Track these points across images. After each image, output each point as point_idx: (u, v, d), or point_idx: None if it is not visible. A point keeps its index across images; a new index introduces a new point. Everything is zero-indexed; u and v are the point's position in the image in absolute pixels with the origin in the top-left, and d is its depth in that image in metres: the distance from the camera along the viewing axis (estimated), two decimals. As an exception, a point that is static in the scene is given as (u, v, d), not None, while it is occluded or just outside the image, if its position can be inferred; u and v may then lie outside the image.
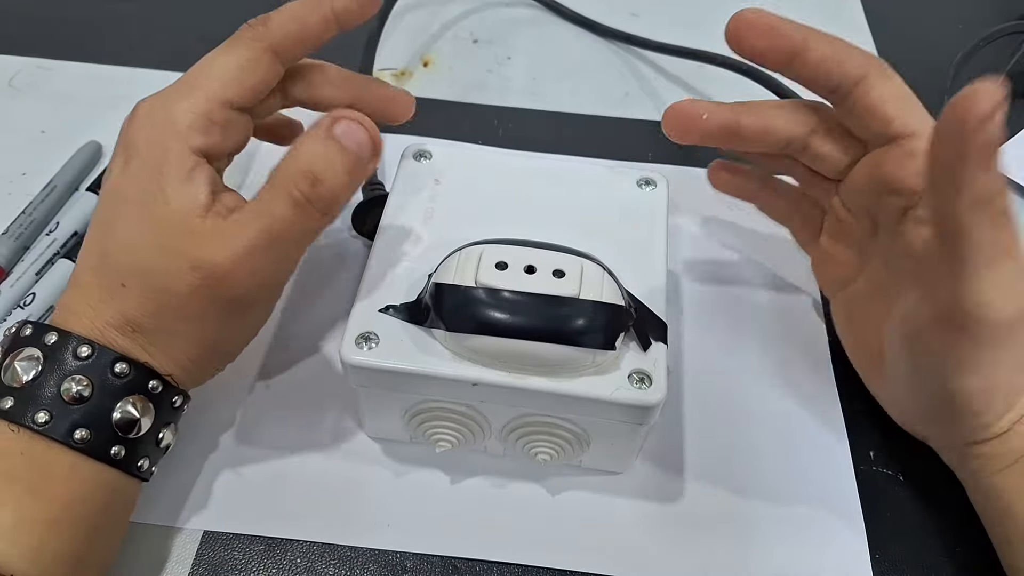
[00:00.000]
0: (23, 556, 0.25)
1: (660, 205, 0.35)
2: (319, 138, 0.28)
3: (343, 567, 0.31)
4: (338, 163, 0.28)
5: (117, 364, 0.27)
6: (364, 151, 0.28)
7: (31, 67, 0.50)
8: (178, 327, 0.28)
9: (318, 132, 0.28)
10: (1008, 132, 0.48)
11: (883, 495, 0.34)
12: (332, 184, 0.28)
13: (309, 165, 0.27)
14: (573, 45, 0.54)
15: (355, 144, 0.28)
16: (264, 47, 0.30)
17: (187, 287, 0.27)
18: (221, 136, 0.29)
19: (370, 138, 0.28)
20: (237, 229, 0.27)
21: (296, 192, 0.27)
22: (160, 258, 0.27)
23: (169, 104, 0.29)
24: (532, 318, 0.28)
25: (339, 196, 0.28)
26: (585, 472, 0.33)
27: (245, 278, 0.28)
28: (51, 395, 0.26)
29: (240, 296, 0.28)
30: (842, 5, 0.58)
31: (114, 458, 0.27)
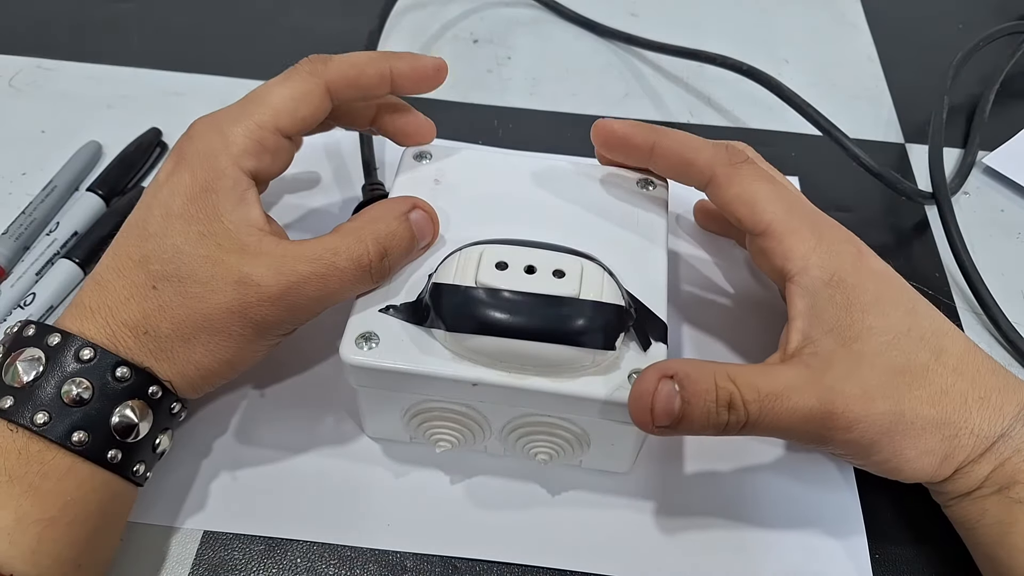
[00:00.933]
0: (22, 556, 0.25)
1: (660, 205, 0.35)
2: (397, 217, 0.30)
3: (343, 567, 0.31)
4: (405, 244, 0.30)
5: (119, 368, 0.27)
6: (424, 237, 0.31)
7: (31, 67, 0.50)
8: (200, 337, 0.28)
9: (395, 210, 0.30)
10: (1008, 132, 0.49)
11: (883, 495, 0.34)
12: (395, 259, 0.30)
13: (385, 239, 0.30)
14: (573, 45, 0.54)
15: (421, 233, 0.31)
16: (320, 83, 0.31)
17: (225, 300, 0.28)
18: (270, 161, 0.31)
19: (432, 227, 0.31)
20: (292, 262, 0.28)
21: (367, 258, 0.29)
22: (205, 267, 0.28)
23: (225, 126, 0.30)
24: (532, 318, 0.28)
25: (394, 270, 0.31)
26: (585, 472, 0.34)
27: (282, 310, 0.28)
28: (51, 396, 0.26)
29: (269, 324, 0.29)
30: (842, 5, 0.59)
31: (111, 462, 0.27)
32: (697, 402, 0.27)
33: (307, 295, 0.29)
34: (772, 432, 0.28)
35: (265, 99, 0.31)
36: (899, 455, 0.28)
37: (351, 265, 0.29)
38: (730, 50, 0.49)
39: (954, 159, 0.48)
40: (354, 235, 0.29)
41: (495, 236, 0.31)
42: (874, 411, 0.27)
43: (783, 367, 0.28)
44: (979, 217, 0.45)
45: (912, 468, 0.28)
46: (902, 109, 0.51)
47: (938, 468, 0.28)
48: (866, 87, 0.52)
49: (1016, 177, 0.46)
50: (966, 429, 0.28)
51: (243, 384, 0.36)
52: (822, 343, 0.28)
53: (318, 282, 0.28)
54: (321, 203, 0.43)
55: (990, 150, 0.48)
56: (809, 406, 0.27)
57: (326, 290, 0.29)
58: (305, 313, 0.29)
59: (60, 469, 0.26)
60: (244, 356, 0.30)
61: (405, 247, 0.30)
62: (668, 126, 0.48)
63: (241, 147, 0.30)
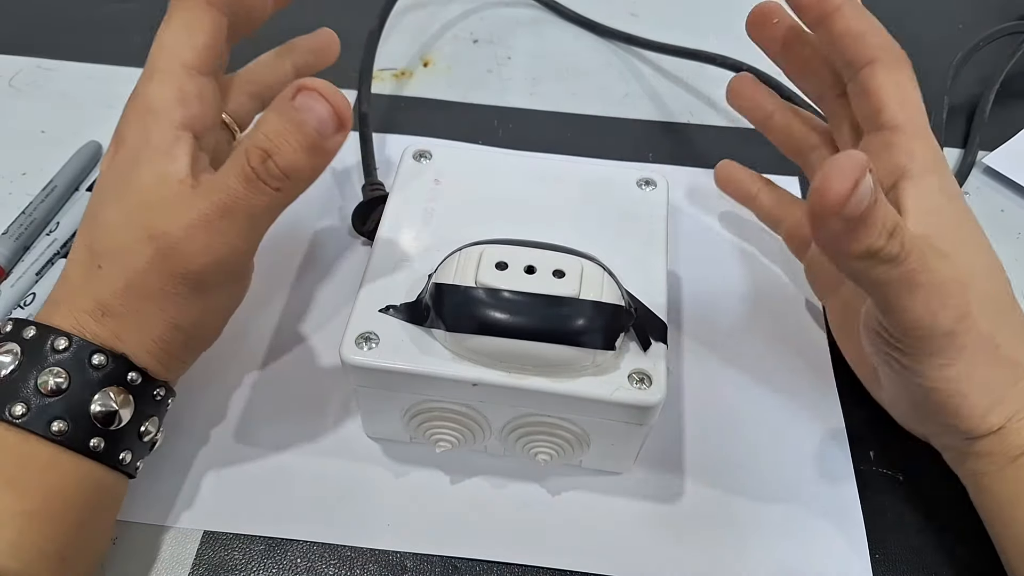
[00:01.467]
0: (3, 550, 0.25)
1: (660, 205, 0.35)
2: (279, 110, 0.26)
3: (343, 567, 0.31)
4: (293, 139, 0.26)
5: (95, 356, 0.27)
6: (326, 127, 0.26)
7: (31, 67, 0.50)
8: (143, 307, 0.28)
9: (279, 103, 0.27)
10: (1008, 132, 0.49)
11: (883, 495, 0.34)
12: (286, 160, 0.26)
13: (263, 140, 0.26)
14: (573, 45, 0.54)
15: (315, 119, 0.26)
16: (199, 2, 0.29)
17: (146, 260, 0.27)
18: (198, 104, 0.29)
19: (333, 112, 0.26)
20: (193, 200, 0.27)
21: (247, 167, 0.26)
22: (127, 233, 0.28)
23: (142, 91, 0.29)
24: (532, 318, 0.28)
25: (299, 170, 0.27)
26: (585, 472, 0.34)
27: (198, 253, 0.27)
28: (29, 388, 0.26)
29: (196, 272, 0.28)
30: (842, 5, 0.58)
31: (93, 450, 0.27)
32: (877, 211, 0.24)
33: (216, 229, 0.27)
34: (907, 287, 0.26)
35: (161, 47, 0.29)
36: (968, 374, 0.28)
37: (238, 179, 0.27)
38: (730, 50, 0.49)
39: (954, 159, 0.48)
40: (240, 146, 0.27)
41: (495, 236, 0.31)
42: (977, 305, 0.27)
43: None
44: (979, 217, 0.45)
45: (969, 401, 0.28)
46: (902, 109, 0.51)
47: (989, 410, 0.28)
48: (866, 87, 0.52)
49: (1016, 177, 0.46)
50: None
51: (243, 384, 0.36)
52: (937, 242, 0.28)
53: (220, 212, 0.27)
54: (321, 203, 0.43)
55: (990, 150, 0.48)
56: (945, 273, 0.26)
57: (232, 218, 0.27)
58: (227, 251, 0.28)
59: (41, 461, 0.26)
60: (193, 317, 0.29)
61: (294, 140, 0.26)
62: (668, 126, 0.49)
63: (160, 100, 0.28)
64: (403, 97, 0.50)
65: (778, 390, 0.36)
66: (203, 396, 0.35)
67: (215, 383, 0.36)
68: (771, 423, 0.35)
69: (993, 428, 0.29)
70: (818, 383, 0.37)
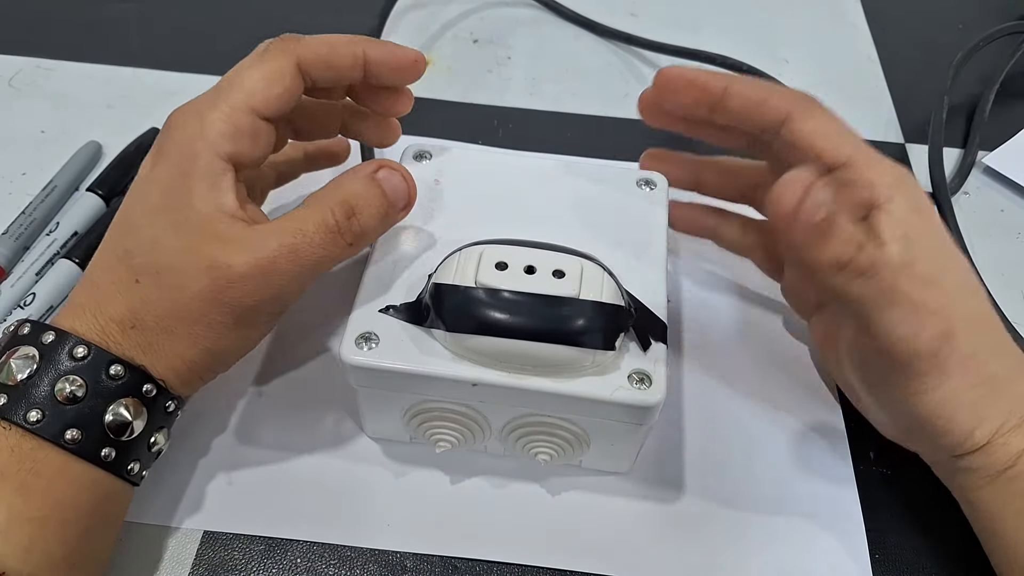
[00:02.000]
0: (14, 554, 0.25)
1: (660, 205, 0.35)
2: (362, 178, 0.30)
3: (343, 567, 0.31)
4: (375, 203, 0.30)
5: (112, 366, 0.27)
6: (399, 198, 0.30)
7: (31, 67, 0.50)
8: (181, 329, 0.28)
9: (361, 172, 0.30)
10: (1008, 132, 0.49)
11: (883, 495, 0.34)
12: (366, 220, 0.29)
13: (350, 198, 0.29)
14: (573, 45, 0.54)
15: (392, 190, 0.30)
16: (291, 60, 0.30)
17: (198, 287, 0.28)
18: (249, 145, 0.30)
19: (407, 188, 0.31)
20: (262, 239, 0.28)
21: (332, 219, 0.29)
22: (180, 257, 0.28)
23: (200, 113, 0.29)
24: (532, 318, 0.28)
25: (369, 233, 0.30)
26: (585, 472, 0.34)
27: (258, 289, 0.28)
28: (44, 394, 0.26)
29: (248, 307, 0.28)
30: (842, 5, 0.59)
31: (104, 460, 0.27)
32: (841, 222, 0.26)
33: (280, 270, 0.28)
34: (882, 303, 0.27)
35: (237, 81, 0.30)
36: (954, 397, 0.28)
37: (319, 230, 0.28)
38: (730, 50, 0.49)
39: (954, 159, 0.48)
40: (320, 201, 0.29)
41: (495, 236, 0.31)
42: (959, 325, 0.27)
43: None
44: (979, 217, 0.45)
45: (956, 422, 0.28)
46: (902, 109, 0.51)
47: (975, 429, 0.28)
48: (866, 87, 0.52)
49: (1016, 177, 0.46)
50: (1012, 392, 0.28)
51: (243, 384, 0.36)
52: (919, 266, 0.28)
53: (289, 255, 0.28)
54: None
55: (990, 150, 0.48)
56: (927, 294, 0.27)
57: (299, 262, 0.28)
58: (282, 291, 0.29)
59: (52, 467, 0.26)
60: (228, 345, 0.29)
61: (376, 205, 0.30)
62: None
63: (216, 131, 0.29)
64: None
65: (778, 390, 0.36)
66: (203, 396, 0.35)
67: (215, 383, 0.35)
68: (771, 423, 0.35)
69: (978, 445, 0.29)
70: (818, 383, 0.37)
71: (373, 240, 0.31)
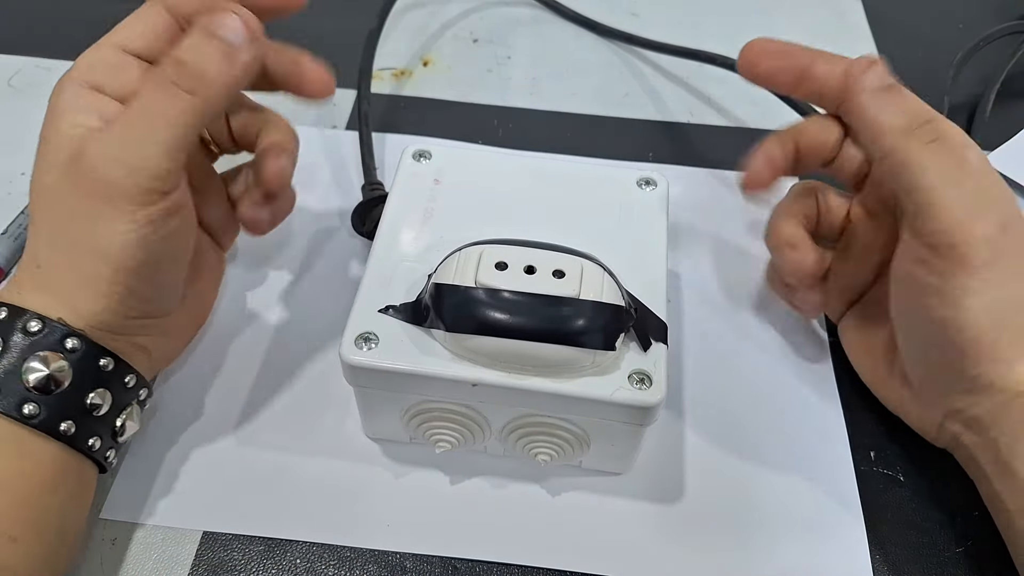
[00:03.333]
0: None
1: (660, 205, 0.35)
2: (191, 32, 0.29)
3: (343, 567, 0.31)
4: (207, 47, 0.28)
5: (30, 322, 0.27)
6: (235, 35, 0.29)
7: (31, 67, 0.50)
8: (68, 241, 0.28)
9: (194, 27, 0.29)
10: (1009, 132, 0.49)
11: (883, 495, 0.34)
12: (199, 64, 0.28)
13: (176, 51, 0.28)
14: (573, 45, 0.54)
15: (227, 30, 0.29)
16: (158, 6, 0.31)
17: (66, 190, 0.28)
18: (114, 76, 0.30)
19: (240, 22, 0.29)
20: (110, 125, 0.28)
21: (161, 72, 0.28)
22: (48, 175, 0.28)
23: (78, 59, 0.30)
24: (532, 318, 0.28)
25: (208, 76, 0.28)
26: (585, 473, 0.33)
27: (111, 161, 0.27)
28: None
29: (108, 182, 0.27)
30: (842, 5, 0.58)
31: (28, 417, 0.26)
32: None
33: (131, 139, 0.27)
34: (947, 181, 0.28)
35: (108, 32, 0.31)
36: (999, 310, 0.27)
37: (155, 88, 0.28)
38: (730, 50, 0.48)
39: (954, 159, 0.48)
40: (152, 67, 0.29)
41: (495, 236, 0.31)
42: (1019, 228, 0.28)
43: None
44: (979, 217, 0.45)
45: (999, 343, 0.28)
46: (902, 109, 0.51)
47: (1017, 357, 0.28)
48: (866, 87, 0.52)
49: (1017, 177, 0.46)
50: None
51: (243, 384, 0.36)
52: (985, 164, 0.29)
53: (134, 119, 0.28)
54: (320, 204, 0.43)
55: (991, 150, 0.48)
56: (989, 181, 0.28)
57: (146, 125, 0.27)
58: (140, 161, 0.27)
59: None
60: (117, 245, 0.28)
61: (206, 48, 0.28)
62: (668, 126, 0.49)
63: (79, 67, 0.29)
64: (403, 97, 0.50)
65: (778, 390, 0.36)
66: (202, 396, 0.35)
67: (214, 383, 0.36)
68: (771, 423, 0.35)
69: (1021, 383, 0.27)
70: (818, 383, 0.37)
71: (228, 87, 0.29)
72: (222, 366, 0.36)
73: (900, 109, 0.30)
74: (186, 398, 0.35)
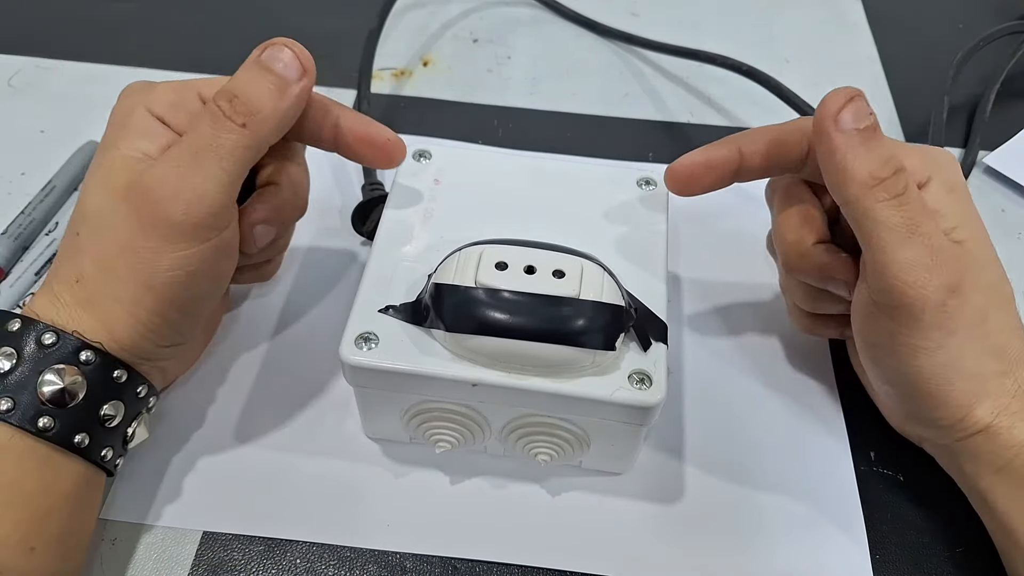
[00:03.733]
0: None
1: (660, 205, 0.35)
2: (246, 66, 0.29)
3: (343, 568, 0.31)
4: (260, 80, 0.29)
5: (45, 334, 0.27)
6: (288, 70, 0.29)
7: (31, 67, 0.50)
8: (114, 264, 0.28)
9: (247, 63, 0.29)
10: (1009, 132, 0.49)
11: (883, 495, 0.34)
12: (250, 98, 0.28)
13: (229, 86, 0.29)
14: (573, 45, 0.54)
15: (280, 63, 0.29)
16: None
17: (121, 216, 0.28)
18: (185, 120, 0.30)
19: (295, 56, 0.29)
20: (168, 153, 0.29)
21: (215, 107, 0.28)
22: (101, 195, 0.29)
23: (152, 84, 0.31)
24: (532, 318, 0.28)
25: (259, 110, 0.28)
26: (585, 473, 0.33)
27: (169, 197, 0.28)
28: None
29: (167, 218, 0.28)
30: (842, 5, 0.58)
31: (44, 431, 0.26)
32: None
33: (188, 173, 0.28)
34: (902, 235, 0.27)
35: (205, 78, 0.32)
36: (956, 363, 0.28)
37: (207, 122, 0.28)
38: (730, 50, 0.49)
39: (954, 159, 0.48)
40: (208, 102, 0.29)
41: (495, 236, 0.31)
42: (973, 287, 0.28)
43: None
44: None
45: (957, 390, 0.28)
46: (902, 109, 0.51)
47: (976, 402, 0.28)
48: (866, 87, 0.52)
49: (1017, 177, 0.46)
50: (1016, 374, 0.28)
51: (243, 384, 0.36)
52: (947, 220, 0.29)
53: (191, 154, 0.28)
54: (321, 204, 0.43)
55: (991, 150, 0.48)
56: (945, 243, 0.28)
57: (200, 159, 0.28)
58: (197, 195, 0.28)
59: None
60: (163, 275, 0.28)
61: (258, 82, 0.29)
62: (668, 126, 0.49)
63: (159, 92, 0.30)
64: (403, 97, 0.50)
65: (778, 390, 0.36)
66: (203, 396, 0.35)
67: (215, 383, 0.36)
68: (771, 423, 0.35)
69: (980, 424, 0.29)
70: (819, 383, 0.37)
71: (280, 120, 0.29)
72: (222, 366, 0.36)
73: (870, 157, 0.28)
74: (186, 399, 0.35)
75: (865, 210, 0.28)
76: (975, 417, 0.29)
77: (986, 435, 0.29)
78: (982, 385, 0.28)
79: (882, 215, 0.27)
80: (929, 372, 0.28)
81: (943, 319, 0.28)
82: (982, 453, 0.29)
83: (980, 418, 0.29)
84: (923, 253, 0.27)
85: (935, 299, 0.27)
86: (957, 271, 0.28)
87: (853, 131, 0.28)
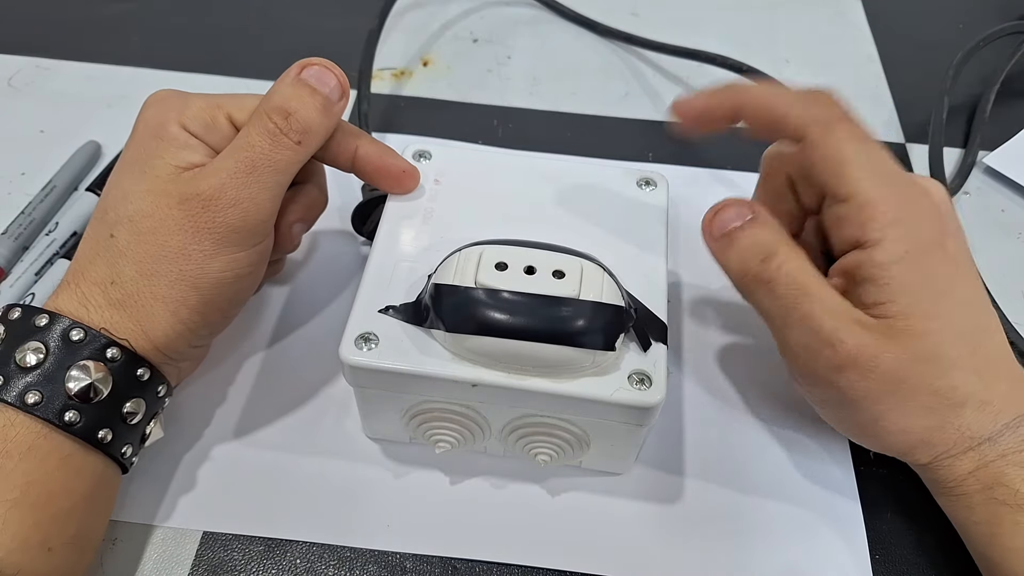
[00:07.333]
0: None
1: (660, 205, 0.35)
2: (289, 82, 0.30)
3: (343, 568, 0.31)
4: (309, 101, 0.30)
5: (73, 331, 0.27)
6: (333, 92, 0.31)
7: (31, 67, 0.50)
8: (163, 268, 0.28)
9: (288, 77, 0.31)
10: (1009, 132, 0.49)
11: (883, 495, 0.34)
12: (305, 116, 0.30)
13: (282, 102, 0.30)
14: (573, 45, 0.54)
15: (324, 86, 0.31)
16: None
17: (174, 222, 0.29)
18: (216, 141, 0.31)
19: (338, 80, 0.31)
20: (220, 163, 0.30)
21: (271, 124, 0.30)
22: (150, 199, 0.29)
23: (186, 95, 0.31)
24: (532, 319, 0.28)
25: (314, 128, 0.30)
26: (585, 473, 0.33)
27: (227, 206, 0.29)
28: (10, 366, 0.27)
29: (225, 226, 0.29)
30: (842, 5, 0.58)
31: (70, 424, 0.27)
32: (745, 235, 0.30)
33: (243, 183, 0.29)
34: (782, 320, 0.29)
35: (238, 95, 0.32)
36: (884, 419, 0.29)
37: (264, 137, 0.29)
38: (730, 50, 0.49)
39: (954, 159, 0.48)
40: (257, 115, 0.30)
41: (495, 236, 0.31)
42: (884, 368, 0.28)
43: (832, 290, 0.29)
44: (980, 217, 0.45)
45: (889, 440, 0.30)
46: (902, 109, 0.51)
47: (913, 448, 0.29)
48: (866, 87, 0.52)
49: (1017, 177, 0.46)
50: (953, 425, 0.28)
51: (243, 384, 0.36)
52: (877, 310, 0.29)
53: (247, 167, 0.29)
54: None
55: (991, 150, 0.48)
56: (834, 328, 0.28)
57: (257, 171, 0.29)
58: (252, 205, 0.29)
59: (21, 447, 0.26)
60: (211, 277, 0.29)
61: (310, 102, 0.30)
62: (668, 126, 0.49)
63: (194, 110, 0.31)
64: (403, 97, 0.50)
65: (778, 390, 0.36)
66: (203, 396, 0.35)
67: (215, 383, 0.36)
68: (771, 423, 0.35)
69: (919, 463, 0.30)
70: (818, 383, 0.37)
71: (324, 136, 0.31)
72: (222, 366, 0.36)
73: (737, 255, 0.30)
74: (187, 399, 0.35)
75: (752, 299, 0.30)
76: (914, 458, 0.30)
77: (927, 469, 0.30)
78: (917, 436, 0.29)
79: (763, 306, 0.30)
80: (861, 421, 0.30)
81: (837, 392, 0.29)
82: (927, 481, 0.31)
83: (919, 459, 0.30)
84: (802, 335, 0.29)
85: (824, 377, 0.29)
86: (840, 354, 0.28)
87: (720, 236, 0.30)
